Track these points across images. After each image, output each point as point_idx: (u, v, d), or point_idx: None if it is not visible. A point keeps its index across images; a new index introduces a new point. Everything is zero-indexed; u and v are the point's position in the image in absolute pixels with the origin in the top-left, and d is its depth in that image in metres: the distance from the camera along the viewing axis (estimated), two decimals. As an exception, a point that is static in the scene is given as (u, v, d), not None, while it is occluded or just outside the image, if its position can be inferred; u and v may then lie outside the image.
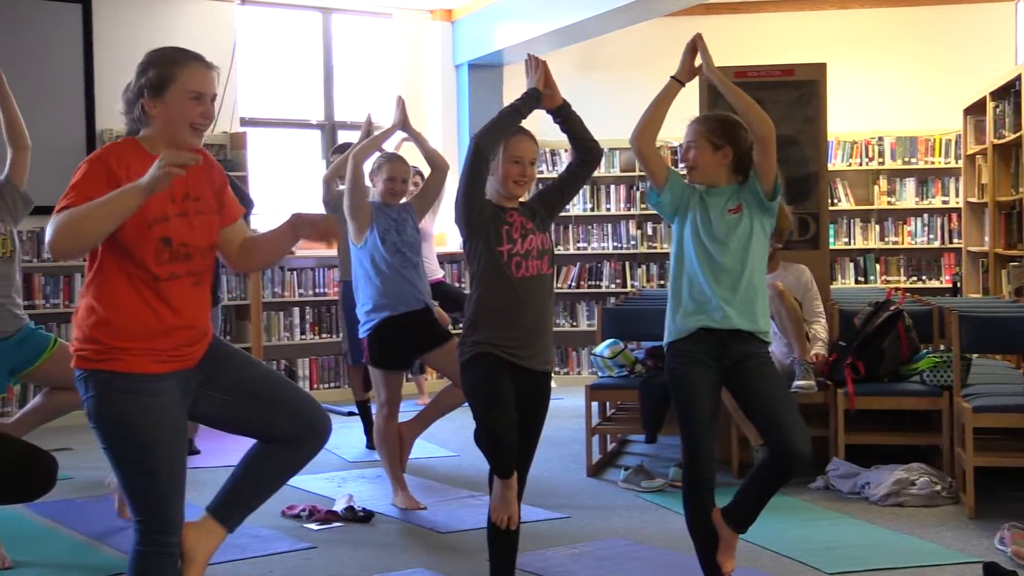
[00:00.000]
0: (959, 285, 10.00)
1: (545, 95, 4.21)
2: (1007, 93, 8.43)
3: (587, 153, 4.28)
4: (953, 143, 10.61)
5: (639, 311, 7.53)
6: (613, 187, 10.99)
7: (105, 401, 3.15)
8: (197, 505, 5.46)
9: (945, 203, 10.75)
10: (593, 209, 11.00)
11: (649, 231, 10.95)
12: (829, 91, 6.95)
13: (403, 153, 7.51)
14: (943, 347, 6.64)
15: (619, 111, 10.80)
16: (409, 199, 6.06)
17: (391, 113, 6.13)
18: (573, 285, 10.99)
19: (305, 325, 9.98)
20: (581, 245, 11.03)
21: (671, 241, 4.36)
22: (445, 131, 10.78)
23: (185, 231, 3.22)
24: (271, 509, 5.34)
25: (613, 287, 10.89)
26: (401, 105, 6.10)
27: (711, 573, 4.26)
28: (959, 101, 9.87)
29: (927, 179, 10.81)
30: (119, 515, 5.51)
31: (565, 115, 4.26)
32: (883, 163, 10.77)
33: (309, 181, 10.48)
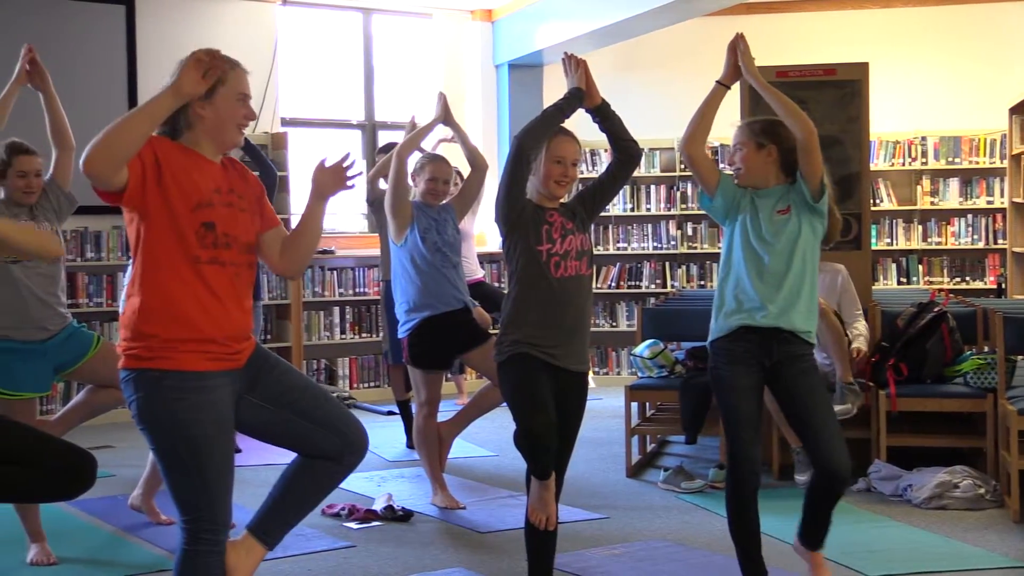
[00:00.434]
0: (1004, 286, 9.90)
1: (585, 94, 4.22)
2: (1054, 92, 8.35)
3: (626, 153, 4.28)
4: (998, 143, 10.51)
5: (679, 312, 7.50)
6: (653, 187, 10.95)
7: (156, 400, 3.16)
8: (241, 505, 5.51)
9: (990, 203, 10.64)
10: (633, 209, 10.97)
11: (689, 231, 10.91)
12: (871, 90, 6.89)
13: (443, 153, 7.54)
14: (987, 349, 6.57)
15: (659, 111, 10.82)
16: (449, 199, 6.07)
17: (433, 110, 6.15)
18: (613, 285, 10.97)
19: (345, 324, 10.01)
20: (621, 245, 11.01)
21: (722, 242, 4.37)
22: (485, 131, 10.78)
23: (229, 221, 3.26)
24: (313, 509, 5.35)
25: (653, 287, 10.85)
26: (443, 100, 6.12)
27: (751, 575, 4.26)
28: (1005, 100, 9.77)
29: (971, 179, 10.71)
30: (144, 512, 5.54)
31: (604, 114, 4.26)
32: (926, 163, 10.67)
33: (350, 181, 10.52)
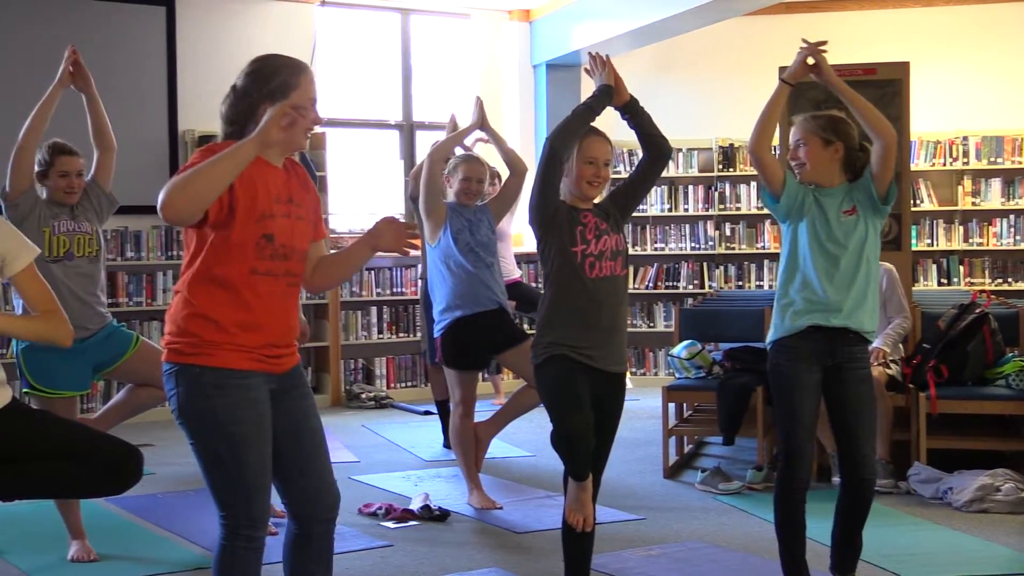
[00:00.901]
0: (1047, 288, 9.81)
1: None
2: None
3: (656, 150, 4.24)
4: (1041, 142, 10.42)
5: (717, 312, 7.49)
6: (691, 187, 10.92)
7: (195, 395, 3.18)
8: (277, 503, 5.53)
9: (1033, 203, 10.56)
10: (671, 209, 10.94)
11: (727, 232, 10.87)
12: (912, 90, 6.85)
13: (480, 154, 7.55)
14: (1029, 351, 6.52)
15: (696, 111, 10.80)
16: (487, 201, 6.07)
17: (470, 113, 6.16)
18: (650, 286, 10.94)
19: (383, 324, 10.04)
20: (659, 246, 10.98)
21: (782, 242, 4.37)
22: (523, 132, 10.79)
23: (288, 232, 3.26)
24: (349, 507, 5.38)
25: (691, 288, 10.82)
26: (479, 105, 6.12)
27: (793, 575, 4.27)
28: (1048, 100, 9.69)
29: (1013, 179, 10.61)
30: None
31: (634, 111, 4.24)
32: (967, 163, 10.59)
33: (387, 181, 10.57)
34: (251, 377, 3.21)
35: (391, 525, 5.62)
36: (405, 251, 3.40)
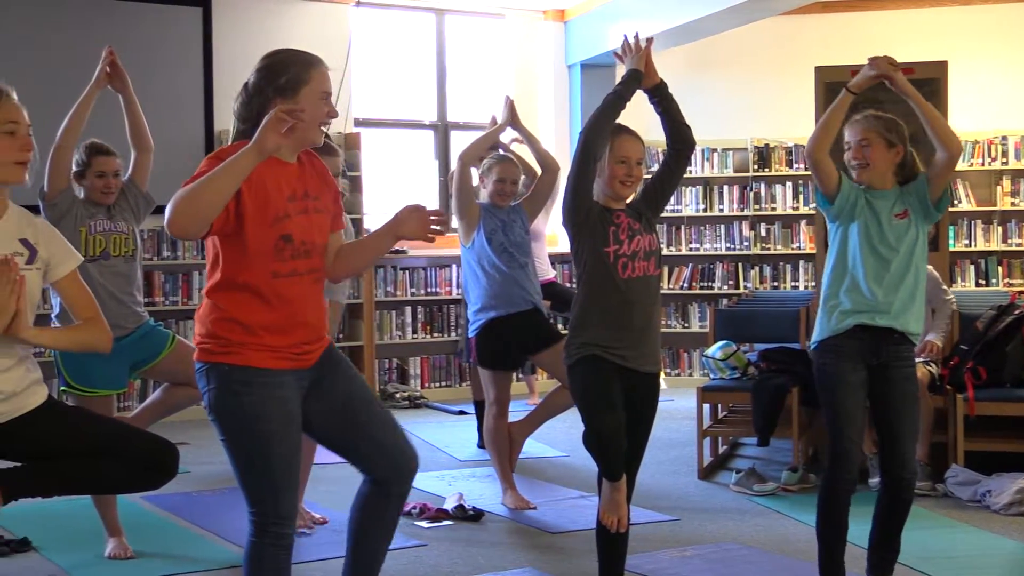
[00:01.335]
0: (1086, 289, 9.71)
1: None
2: None
3: (680, 138, 4.21)
4: (1082, 142, 10.32)
5: (752, 313, 7.45)
6: (726, 187, 10.88)
7: (225, 393, 3.20)
8: (309, 500, 5.56)
9: (1072, 204, 10.46)
10: (706, 210, 10.90)
11: (763, 232, 10.82)
12: (950, 89, 6.80)
13: (516, 153, 7.54)
14: (1069, 352, 6.45)
15: (732, 111, 10.75)
16: (520, 201, 6.07)
17: (500, 113, 6.16)
18: (685, 286, 10.90)
19: (417, 324, 10.05)
20: (694, 246, 10.94)
21: (829, 242, 4.35)
22: (557, 132, 10.78)
23: (306, 228, 3.26)
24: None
25: (725, 288, 10.78)
26: (509, 104, 6.13)
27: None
28: (1088, 99, 9.59)
29: (1053, 179, 10.52)
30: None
31: (662, 95, 4.21)
32: (1007, 163, 10.49)
33: (422, 181, 10.58)
34: (280, 376, 3.22)
35: (425, 525, 5.62)
36: (430, 238, 3.39)
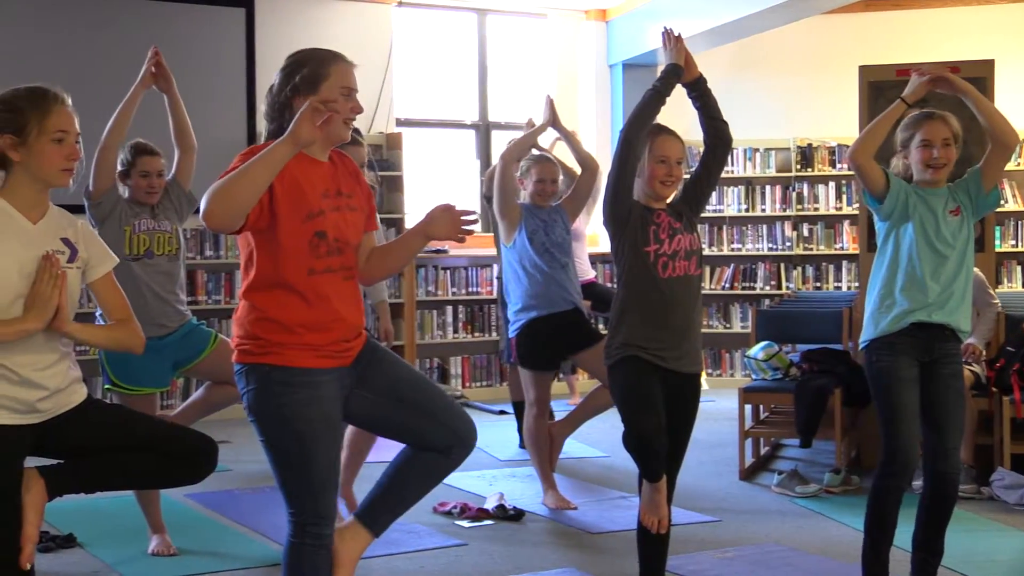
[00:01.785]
0: None
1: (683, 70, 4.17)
2: None
3: (717, 134, 4.19)
4: None
5: (794, 313, 7.42)
6: (768, 187, 10.81)
7: (264, 394, 3.21)
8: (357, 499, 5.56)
9: (1122, 204, 10.32)
10: (748, 210, 10.84)
11: (805, 232, 10.75)
12: (997, 88, 6.72)
13: (559, 153, 7.54)
14: (1117, 354, 6.37)
15: (775, 111, 10.69)
16: (561, 201, 6.06)
17: (541, 113, 6.16)
18: (727, 286, 10.85)
19: (458, 324, 10.06)
20: (735, 246, 10.89)
21: (880, 242, 4.34)
22: (599, 132, 10.76)
23: (340, 225, 3.27)
24: (423, 505, 5.38)
25: (767, 289, 10.72)
26: (550, 103, 6.13)
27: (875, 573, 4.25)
28: None
29: (1101, 179, 10.39)
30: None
31: (701, 90, 4.20)
32: (1054, 162, 10.38)
33: (463, 181, 10.59)
34: (320, 375, 3.22)
35: (466, 524, 5.63)
36: (461, 238, 3.40)
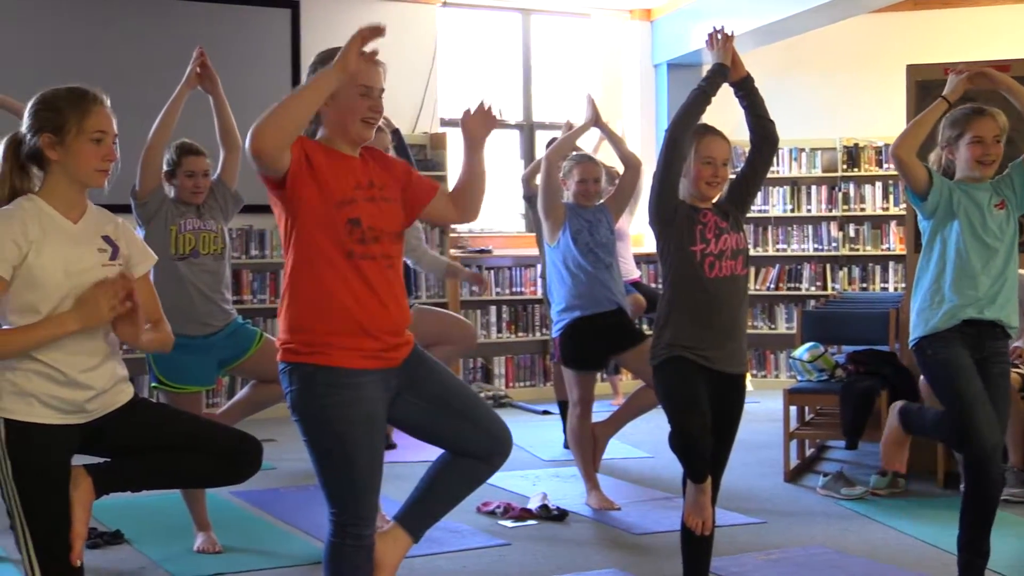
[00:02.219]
0: None
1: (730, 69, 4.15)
2: None
3: (763, 133, 4.17)
4: None
5: (841, 314, 7.37)
6: (814, 187, 10.74)
7: (307, 394, 3.22)
8: (394, 499, 5.57)
9: None
10: (794, 210, 10.77)
11: (851, 233, 10.67)
12: (1047, 87, 6.64)
13: (601, 155, 7.53)
14: None
15: (821, 111, 10.61)
16: (604, 200, 6.05)
17: (583, 111, 6.16)
18: (772, 287, 10.79)
19: (502, 323, 10.06)
20: (781, 247, 10.83)
21: (925, 238, 4.31)
22: (643, 132, 10.72)
23: (374, 214, 3.27)
24: (467, 505, 5.39)
25: (813, 290, 10.65)
26: (591, 102, 6.13)
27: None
28: None
29: None
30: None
31: (748, 89, 4.18)
32: (1104, 162, 10.23)
33: (507, 180, 10.59)
34: (363, 376, 3.22)
35: (509, 524, 5.63)
36: (499, 123, 3.54)
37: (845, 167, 10.58)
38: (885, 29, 10.51)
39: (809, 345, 6.90)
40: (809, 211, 10.76)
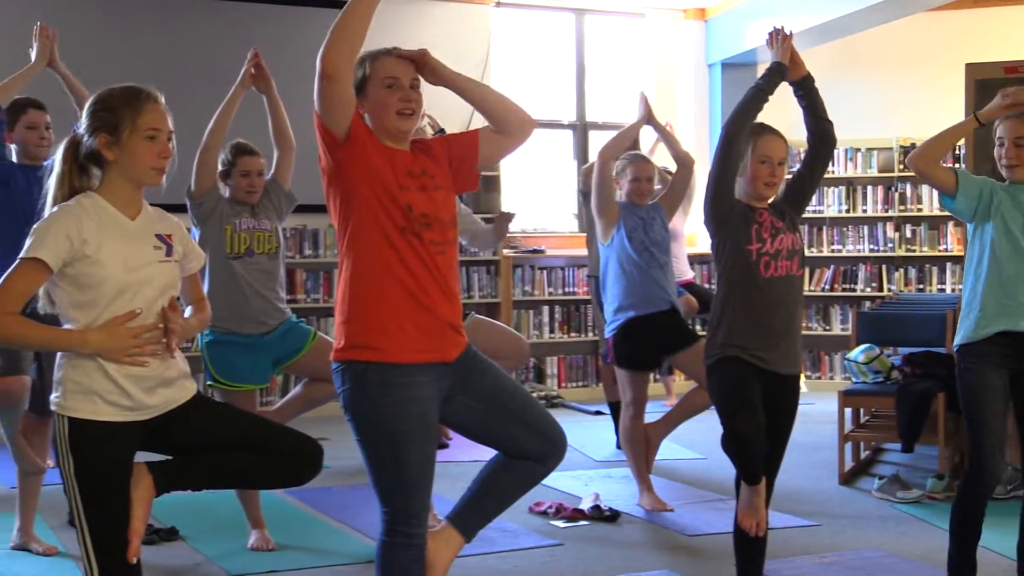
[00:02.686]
0: None
1: (789, 68, 4.12)
2: None
3: (822, 134, 4.14)
4: None
5: (897, 316, 7.30)
6: (870, 188, 10.64)
7: (359, 393, 3.22)
8: (447, 498, 5.60)
9: None
10: (849, 211, 10.68)
11: (908, 233, 10.56)
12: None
13: (656, 155, 7.51)
14: None
15: (877, 110, 10.52)
16: (658, 198, 6.03)
17: (636, 111, 6.15)
18: (827, 288, 10.71)
19: (554, 324, 10.06)
20: (836, 247, 10.74)
21: (968, 242, 4.25)
22: (698, 132, 10.68)
23: (425, 202, 3.27)
24: (519, 505, 5.38)
25: (868, 291, 10.55)
26: (644, 99, 6.12)
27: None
28: None
29: None
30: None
31: (807, 88, 4.16)
32: None
33: (560, 181, 10.59)
34: (415, 373, 3.22)
35: (561, 524, 5.62)
36: (423, 58, 3.38)
37: (902, 167, 10.46)
38: (943, 27, 10.39)
39: (864, 347, 6.84)
40: (865, 211, 10.67)
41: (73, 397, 3.12)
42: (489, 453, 3.51)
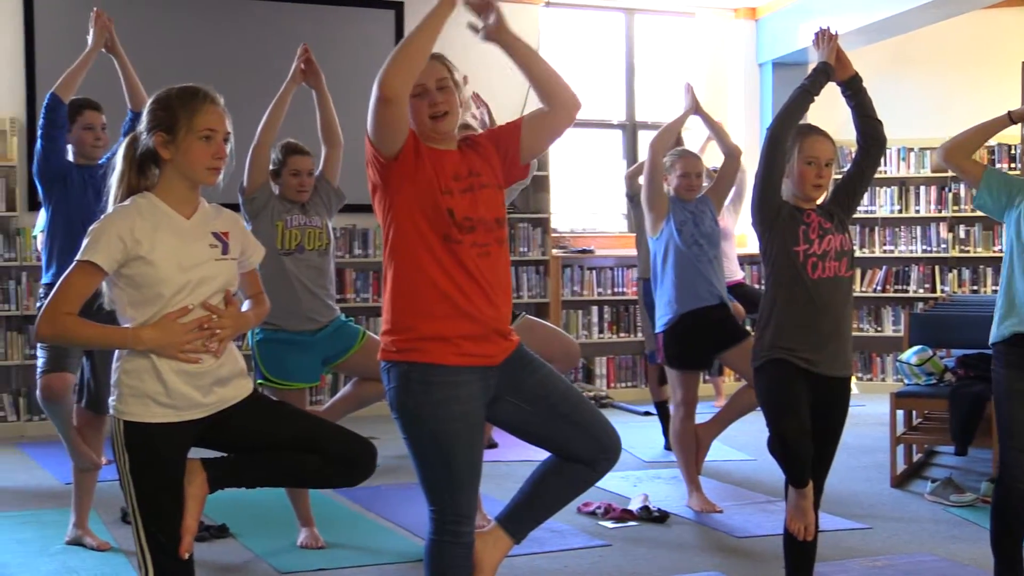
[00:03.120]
0: None
1: (836, 68, 4.09)
2: None
3: (871, 133, 4.11)
4: None
5: (950, 317, 7.22)
6: (923, 188, 10.54)
7: (404, 392, 3.23)
8: (495, 498, 5.61)
9: None
10: (901, 211, 10.58)
11: (962, 234, 10.45)
12: None
13: (708, 152, 7.49)
14: None
15: (931, 109, 10.41)
16: (705, 191, 6.02)
17: (682, 103, 6.15)
18: (878, 289, 10.61)
19: (603, 324, 10.04)
20: (888, 248, 10.64)
21: (1005, 241, 4.20)
22: (748, 131, 10.61)
23: (468, 206, 3.26)
24: (568, 506, 5.40)
25: (921, 292, 10.45)
26: (690, 91, 6.12)
27: None
28: None
29: None
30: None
31: (855, 88, 4.13)
32: None
33: (610, 181, 10.57)
34: (459, 374, 3.22)
35: (610, 525, 5.61)
36: (493, 10, 3.60)
37: (956, 167, 10.34)
38: (999, 25, 10.27)
39: (917, 348, 6.77)
40: (918, 212, 10.56)
41: (127, 401, 3.16)
42: (538, 453, 3.51)
